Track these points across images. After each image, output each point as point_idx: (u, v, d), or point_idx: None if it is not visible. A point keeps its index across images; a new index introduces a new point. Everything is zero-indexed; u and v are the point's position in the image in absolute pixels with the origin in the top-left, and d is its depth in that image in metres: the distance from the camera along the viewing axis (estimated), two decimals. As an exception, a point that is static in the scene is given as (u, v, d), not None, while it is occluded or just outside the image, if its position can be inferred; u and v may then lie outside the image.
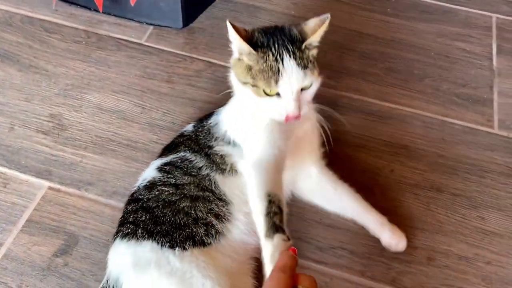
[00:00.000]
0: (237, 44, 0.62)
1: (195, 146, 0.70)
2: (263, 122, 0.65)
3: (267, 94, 0.61)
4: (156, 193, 0.64)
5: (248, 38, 0.62)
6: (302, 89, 0.61)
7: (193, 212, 0.63)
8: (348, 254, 0.71)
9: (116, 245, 0.61)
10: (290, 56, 0.60)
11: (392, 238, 0.70)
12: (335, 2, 1.09)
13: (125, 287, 0.57)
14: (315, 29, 0.62)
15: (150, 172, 0.69)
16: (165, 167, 0.68)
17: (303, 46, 0.61)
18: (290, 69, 0.60)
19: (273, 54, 0.60)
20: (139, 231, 0.60)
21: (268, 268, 0.53)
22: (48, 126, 0.84)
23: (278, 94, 0.61)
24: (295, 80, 0.60)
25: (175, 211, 0.62)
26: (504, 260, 0.72)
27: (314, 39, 0.62)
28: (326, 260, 0.70)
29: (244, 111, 0.68)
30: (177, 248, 0.58)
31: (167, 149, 0.73)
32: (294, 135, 0.68)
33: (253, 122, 0.67)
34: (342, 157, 0.82)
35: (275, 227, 0.56)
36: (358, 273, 0.69)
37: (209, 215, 0.63)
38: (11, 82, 0.90)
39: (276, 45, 0.61)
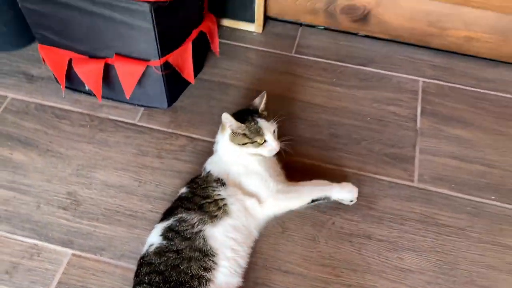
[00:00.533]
0: (234, 125, 0.99)
1: (190, 205, 0.96)
2: (257, 165, 1.02)
3: (260, 144, 0.99)
4: (165, 259, 0.88)
5: (236, 120, 0.98)
6: (274, 132, 1.04)
7: (189, 271, 0.88)
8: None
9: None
10: (260, 118, 1.01)
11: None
12: (290, 76, 1.33)
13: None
14: (261, 102, 1.05)
15: (154, 238, 0.93)
16: (168, 234, 0.92)
17: (260, 112, 1.04)
18: (264, 124, 1.01)
19: (253, 122, 1.01)
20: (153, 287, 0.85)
21: None
22: (67, 203, 1.08)
23: (265, 141, 1.00)
24: (270, 128, 1.01)
25: (178, 272, 0.87)
26: (414, 290, 0.97)
27: (262, 107, 1.05)
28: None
29: (237, 164, 1.02)
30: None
31: (167, 213, 0.98)
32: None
33: (247, 169, 1.02)
34: (296, 213, 1.07)
35: None
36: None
37: (199, 270, 0.88)
38: (33, 166, 1.13)
39: (250, 117, 1.02)
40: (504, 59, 1.35)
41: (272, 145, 1.01)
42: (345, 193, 1.06)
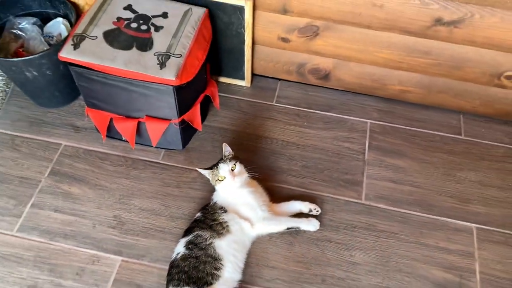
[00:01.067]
0: (206, 174, 1.43)
1: (203, 225, 1.39)
2: (247, 197, 1.41)
3: (222, 180, 1.39)
4: (188, 263, 1.31)
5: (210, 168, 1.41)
6: (232, 170, 1.41)
7: (205, 270, 1.30)
8: (283, 282, 1.40)
9: (169, 290, 1.29)
10: (221, 163, 1.43)
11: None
12: (271, 120, 1.77)
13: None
14: (223, 151, 1.46)
15: (180, 248, 1.36)
16: (189, 245, 1.35)
17: (223, 158, 1.45)
18: (222, 166, 1.42)
19: (215, 167, 1.43)
20: (181, 282, 1.28)
21: None
22: (114, 223, 1.50)
23: (225, 177, 1.40)
24: (226, 168, 1.41)
25: (197, 271, 1.30)
26: (356, 277, 1.42)
27: (225, 154, 1.47)
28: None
29: (228, 195, 1.42)
30: (200, 290, 1.28)
31: (187, 231, 1.41)
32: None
33: (241, 200, 1.42)
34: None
35: None
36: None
37: (212, 269, 1.31)
38: (87, 197, 1.55)
39: (216, 164, 1.41)
40: (429, 104, 1.80)
41: (228, 180, 1.39)
42: (311, 226, 1.48)
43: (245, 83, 1.85)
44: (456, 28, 1.48)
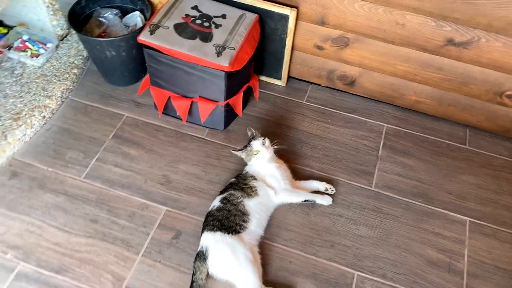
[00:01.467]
0: (240, 154, 1.73)
1: (236, 187, 1.68)
2: (274, 170, 1.71)
3: (256, 154, 1.68)
4: (221, 213, 1.60)
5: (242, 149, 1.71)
6: (263, 144, 1.70)
7: (235, 221, 1.58)
8: (297, 242, 1.66)
9: (205, 233, 1.56)
10: (253, 140, 1.72)
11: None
12: (301, 116, 2.06)
13: (210, 251, 1.52)
14: (251, 133, 1.73)
15: (216, 202, 1.65)
16: (224, 201, 1.64)
17: (252, 137, 1.72)
18: (254, 143, 1.71)
19: (248, 145, 1.72)
20: (215, 228, 1.56)
21: None
22: (162, 181, 1.80)
23: (258, 151, 1.67)
24: (257, 142, 1.71)
25: (229, 221, 1.58)
26: (360, 247, 1.66)
27: (252, 134, 1.73)
28: (288, 244, 1.65)
29: (259, 168, 1.72)
30: (230, 234, 1.54)
31: (223, 191, 1.70)
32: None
33: (268, 172, 1.72)
34: (298, 199, 1.78)
35: None
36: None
37: (240, 221, 1.59)
38: (142, 158, 1.87)
39: (247, 145, 1.70)
40: (440, 116, 2.06)
41: (262, 151, 1.69)
42: (324, 201, 1.75)
43: (281, 82, 2.16)
44: (465, 49, 1.76)
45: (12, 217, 1.67)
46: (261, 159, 1.71)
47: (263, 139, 1.72)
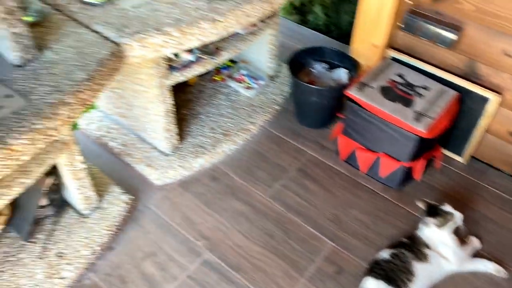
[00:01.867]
0: (432, 219, 1.73)
1: (409, 248, 1.73)
2: (447, 239, 1.74)
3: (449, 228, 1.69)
4: (388, 265, 1.69)
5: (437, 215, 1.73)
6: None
7: (399, 277, 1.65)
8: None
9: (369, 278, 1.67)
10: (444, 208, 1.68)
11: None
12: (476, 196, 2.06)
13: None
14: (449, 209, 1.71)
15: (385, 254, 1.74)
16: (393, 255, 1.72)
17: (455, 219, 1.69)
18: (451, 212, 1.67)
19: (451, 215, 1.72)
20: (379, 276, 1.66)
21: None
22: (332, 217, 1.97)
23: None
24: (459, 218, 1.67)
25: (394, 274, 1.66)
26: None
27: (444, 209, 1.70)
28: None
29: (437, 238, 1.76)
30: (391, 287, 1.62)
31: (393, 246, 1.77)
32: None
33: (440, 238, 1.75)
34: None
35: None
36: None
37: (405, 278, 1.66)
38: (318, 193, 2.08)
39: (446, 212, 1.75)
40: None
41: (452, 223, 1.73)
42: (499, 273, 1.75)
43: (462, 159, 2.20)
44: None
45: (208, 212, 2.00)
46: (437, 232, 1.75)
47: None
